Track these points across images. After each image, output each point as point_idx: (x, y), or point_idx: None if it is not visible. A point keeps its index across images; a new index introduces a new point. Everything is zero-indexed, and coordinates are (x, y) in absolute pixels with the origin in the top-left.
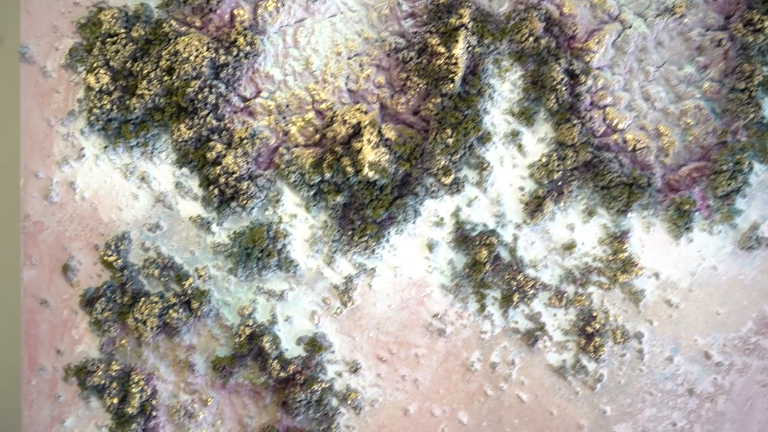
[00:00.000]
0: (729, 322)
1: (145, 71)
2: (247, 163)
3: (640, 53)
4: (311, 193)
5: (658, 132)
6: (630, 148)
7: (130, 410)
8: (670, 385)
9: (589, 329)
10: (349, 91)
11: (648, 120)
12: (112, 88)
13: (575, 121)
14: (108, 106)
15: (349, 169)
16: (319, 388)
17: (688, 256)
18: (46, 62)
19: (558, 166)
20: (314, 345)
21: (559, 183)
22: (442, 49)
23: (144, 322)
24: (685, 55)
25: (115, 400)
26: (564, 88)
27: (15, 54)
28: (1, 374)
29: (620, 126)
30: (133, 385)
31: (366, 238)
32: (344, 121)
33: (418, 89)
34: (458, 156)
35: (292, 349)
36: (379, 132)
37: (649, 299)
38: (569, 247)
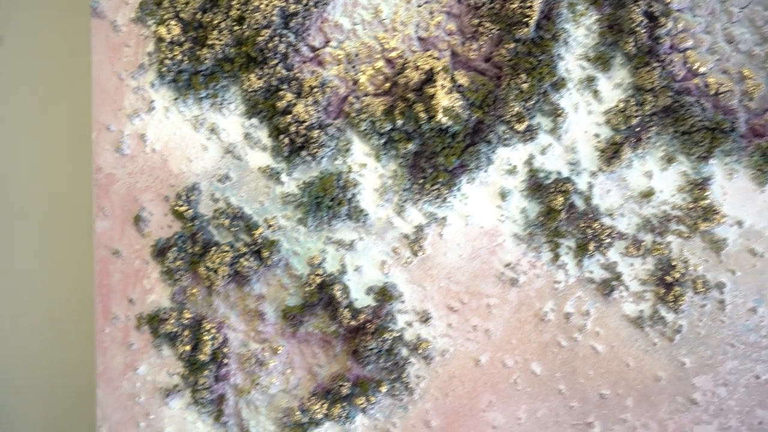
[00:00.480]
0: None
1: (215, 21)
2: (317, 112)
3: None
4: (381, 141)
5: (742, 75)
6: (712, 92)
7: (202, 357)
8: (753, 337)
9: (668, 279)
10: (420, 39)
11: (731, 63)
12: (182, 39)
13: (655, 65)
14: (179, 57)
15: (422, 115)
16: (390, 338)
17: None
18: (116, 16)
19: (636, 111)
20: (384, 294)
21: (637, 129)
22: None
23: (215, 271)
24: None
25: (187, 348)
26: (643, 31)
27: (87, 9)
28: (77, 323)
29: (702, 69)
30: (204, 333)
31: (437, 186)
32: (417, 67)
33: (490, 35)
34: (532, 102)
35: (362, 299)
36: (452, 78)
37: (731, 248)
38: (647, 194)
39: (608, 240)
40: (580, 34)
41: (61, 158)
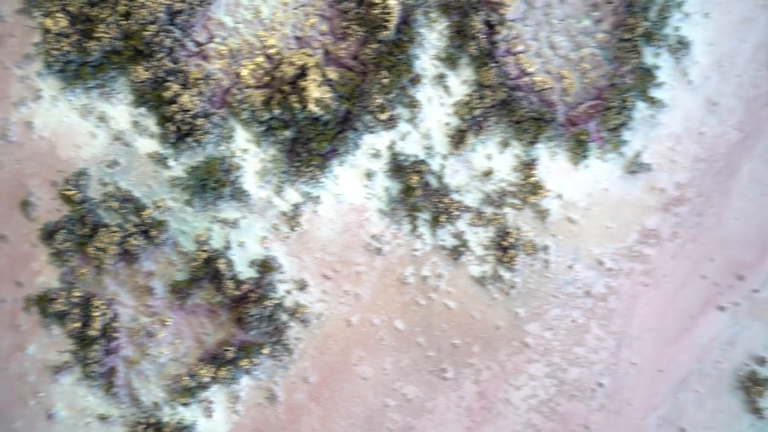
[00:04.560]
0: (618, 234)
1: (102, 15)
2: (202, 102)
3: (546, 8)
4: (261, 129)
5: (561, 75)
6: (537, 89)
7: (91, 333)
8: (571, 289)
9: (505, 243)
10: (296, 38)
11: (553, 65)
12: (70, 31)
13: (492, 65)
14: (66, 49)
15: (296, 105)
16: (271, 305)
17: (586, 180)
18: (1, 7)
19: (478, 104)
20: (265, 266)
21: (479, 119)
22: (377, 0)
23: (104, 251)
24: (582, 10)
25: (77, 325)
26: (483, 37)
27: None
28: None
29: (530, 70)
30: (94, 310)
31: (311, 168)
32: (291, 63)
33: (357, 36)
34: (392, 95)
35: (246, 272)
36: (323, 73)
37: (554, 217)
38: (488, 173)
39: (457, 213)
40: (433, 38)
41: None
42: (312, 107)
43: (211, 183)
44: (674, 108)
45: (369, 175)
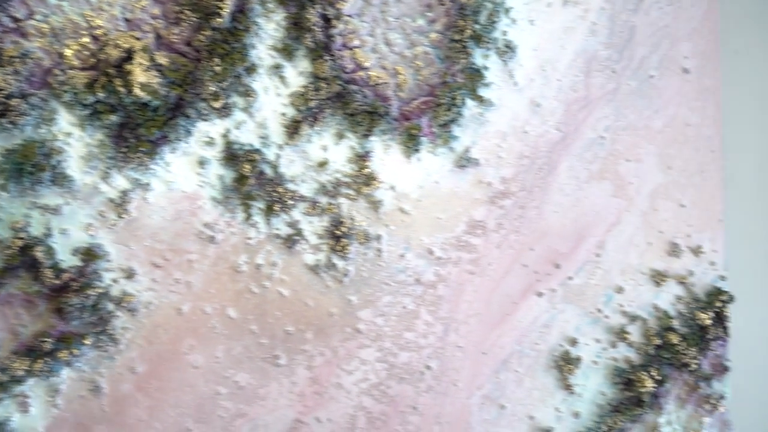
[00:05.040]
0: (447, 225)
1: None
2: (18, 81)
3: (383, 5)
4: (86, 112)
5: (396, 71)
6: (372, 83)
7: None
8: (402, 277)
9: (338, 233)
10: (126, 20)
11: (388, 61)
12: None
13: (327, 59)
14: None
15: (122, 89)
16: (95, 293)
17: (417, 173)
18: None
19: (313, 95)
20: (90, 254)
21: (315, 110)
22: None
23: None
24: (417, 10)
25: None
26: (319, 30)
27: None
28: None
29: (365, 64)
30: None
31: (140, 155)
32: (117, 45)
33: (190, 22)
34: (226, 84)
35: (68, 260)
36: (151, 57)
37: (387, 207)
38: (323, 164)
39: (291, 202)
40: (270, 28)
41: None
42: (137, 92)
43: (28, 167)
44: (501, 107)
45: (202, 162)
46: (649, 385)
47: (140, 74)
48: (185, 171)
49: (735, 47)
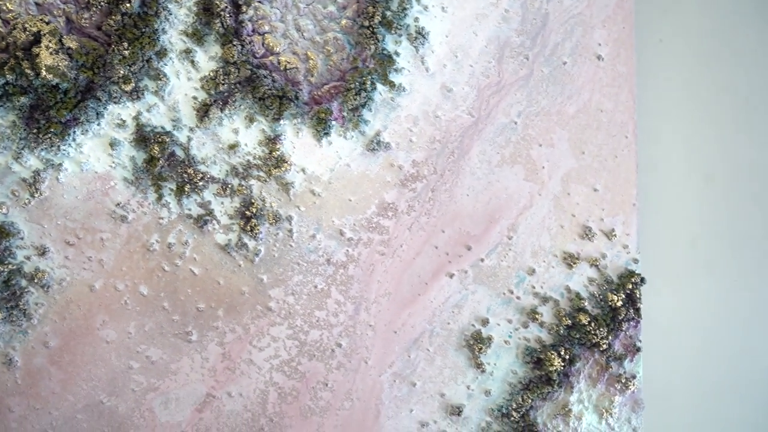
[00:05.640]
0: (358, 206)
1: None
2: None
3: None
4: None
5: (307, 56)
6: (283, 68)
7: None
8: (313, 257)
9: (248, 213)
10: (36, 3)
11: (299, 46)
12: None
13: (236, 44)
14: None
15: (29, 72)
16: (6, 270)
17: (328, 156)
18: None
19: (224, 79)
20: (2, 232)
21: (225, 94)
22: None
23: None
24: None
25: None
26: (228, 16)
27: None
28: None
29: (276, 50)
30: None
31: (50, 136)
32: (24, 29)
33: (100, 6)
34: (137, 67)
35: None
36: (60, 41)
37: (297, 189)
38: (234, 146)
39: (202, 183)
40: (181, 13)
41: None
42: (45, 74)
43: None
44: (413, 92)
45: (114, 144)
46: (558, 363)
47: (47, 57)
48: (97, 152)
49: (657, 35)
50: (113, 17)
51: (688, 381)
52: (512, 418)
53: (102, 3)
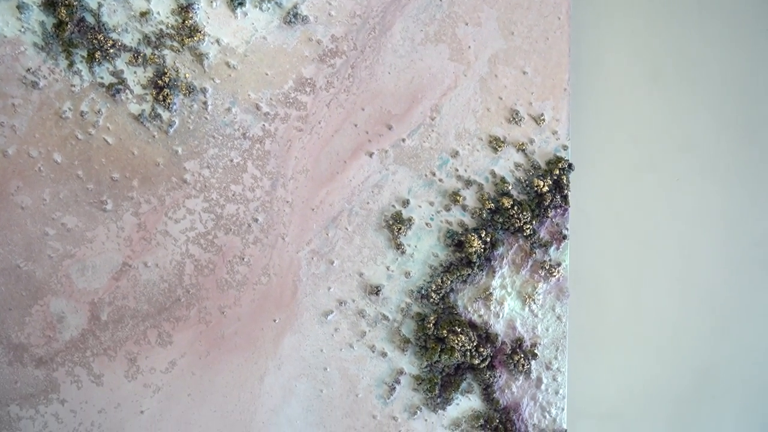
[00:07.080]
0: (275, 81)
1: None
2: None
3: None
4: None
5: None
6: None
7: None
8: (228, 130)
9: (161, 83)
10: None
11: None
12: None
13: None
14: None
15: None
16: None
17: (244, 27)
18: None
19: None
20: None
21: None
22: None
23: None
24: None
25: None
26: None
27: None
28: None
29: None
30: None
31: None
32: None
33: None
34: None
35: None
36: None
37: (212, 61)
38: (145, 14)
39: (114, 51)
40: None
41: None
42: None
43: None
44: None
45: (21, 7)
46: (478, 245)
47: None
48: (5, 16)
49: None
50: None
51: (615, 270)
52: (432, 300)
53: None
